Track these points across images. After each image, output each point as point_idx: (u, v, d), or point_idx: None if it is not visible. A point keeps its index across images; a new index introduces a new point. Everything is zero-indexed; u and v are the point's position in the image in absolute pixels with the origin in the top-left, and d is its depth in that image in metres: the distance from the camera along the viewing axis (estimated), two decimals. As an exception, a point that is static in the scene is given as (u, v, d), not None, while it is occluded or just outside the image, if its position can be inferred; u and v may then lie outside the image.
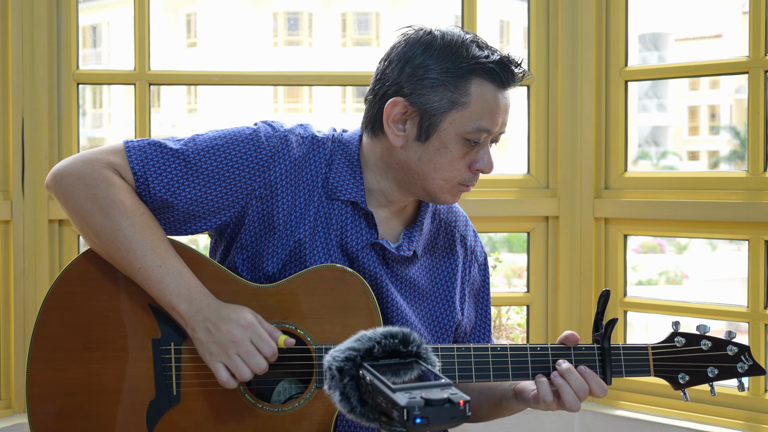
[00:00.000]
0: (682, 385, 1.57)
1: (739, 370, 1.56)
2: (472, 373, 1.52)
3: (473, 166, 1.54)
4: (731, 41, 26.26)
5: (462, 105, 1.49)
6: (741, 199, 2.32)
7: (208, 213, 1.55)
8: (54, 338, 1.52)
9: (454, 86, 1.49)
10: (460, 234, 1.73)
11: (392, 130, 1.53)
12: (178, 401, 1.52)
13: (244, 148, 1.55)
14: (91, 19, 24.00)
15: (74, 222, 1.54)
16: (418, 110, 1.50)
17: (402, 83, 1.51)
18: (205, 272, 1.53)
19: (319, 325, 1.52)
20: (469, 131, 1.50)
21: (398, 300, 1.61)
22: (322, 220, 1.58)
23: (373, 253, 1.59)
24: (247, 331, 1.45)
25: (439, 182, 1.54)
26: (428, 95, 1.50)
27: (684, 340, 1.57)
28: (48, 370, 1.51)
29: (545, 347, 1.54)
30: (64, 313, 1.52)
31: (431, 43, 1.51)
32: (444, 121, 1.50)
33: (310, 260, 1.56)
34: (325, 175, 1.59)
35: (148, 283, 1.48)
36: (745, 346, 1.57)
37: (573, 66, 2.52)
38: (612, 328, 1.54)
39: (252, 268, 1.57)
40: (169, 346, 1.52)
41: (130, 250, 1.48)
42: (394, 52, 1.55)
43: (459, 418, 0.98)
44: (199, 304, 1.47)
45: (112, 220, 1.48)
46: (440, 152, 1.51)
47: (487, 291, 1.78)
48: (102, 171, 1.51)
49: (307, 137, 1.60)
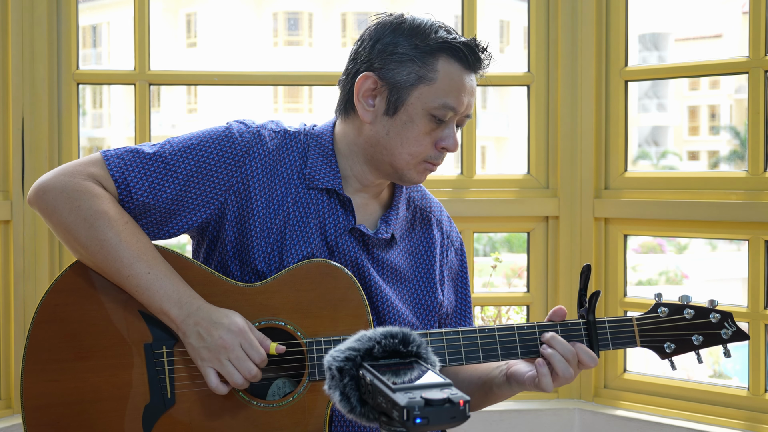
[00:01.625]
0: (669, 354, 1.59)
1: (723, 336, 1.59)
2: (462, 356, 1.55)
3: (439, 143, 1.58)
4: (731, 41, 26.28)
5: (429, 80, 1.54)
6: (741, 199, 2.32)
7: (188, 210, 1.58)
8: (46, 350, 1.52)
9: (422, 62, 1.54)
10: (436, 219, 1.77)
11: (362, 105, 1.58)
12: (174, 403, 1.53)
13: (219, 145, 1.59)
14: (91, 19, 24.02)
15: (59, 235, 1.55)
16: (387, 84, 1.56)
17: (372, 59, 1.57)
18: (192, 275, 1.55)
19: (308, 320, 1.55)
20: (435, 107, 1.55)
21: (381, 284, 1.64)
22: (301, 211, 1.61)
23: (352, 238, 1.63)
24: (237, 337, 1.47)
25: (406, 157, 1.58)
26: (396, 69, 1.55)
27: (667, 310, 1.60)
28: (42, 382, 1.52)
29: (532, 325, 1.57)
30: (55, 325, 1.53)
31: (401, 23, 1.58)
32: (411, 95, 1.55)
33: (294, 251, 1.59)
34: (300, 167, 1.63)
35: (137, 290, 1.50)
36: (727, 313, 1.60)
37: (573, 66, 2.52)
38: (596, 301, 1.56)
39: (241, 263, 1.60)
40: (161, 350, 1.53)
41: (117, 258, 1.50)
42: (366, 32, 1.62)
43: (459, 418, 0.98)
44: (190, 307, 1.49)
45: (97, 231, 1.50)
46: (407, 126, 1.56)
47: (465, 274, 1.81)
48: (84, 183, 1.53)
49: (279, 131, 1.65)
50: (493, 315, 3.08)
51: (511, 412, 2.49)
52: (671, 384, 2.44)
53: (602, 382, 2.53)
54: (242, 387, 1.48)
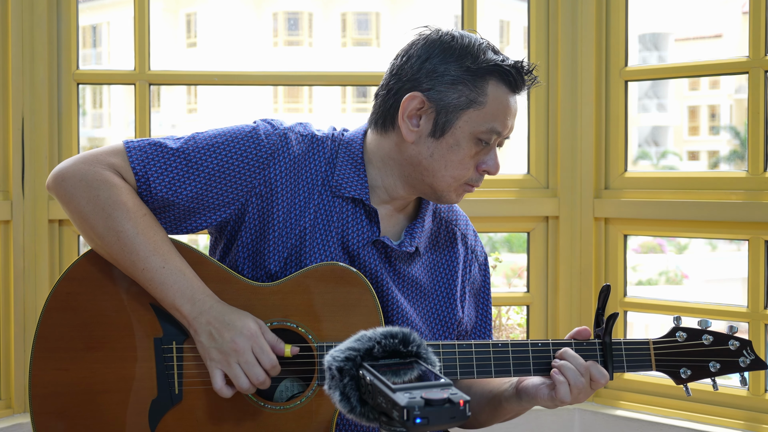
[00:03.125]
0: (684, 379, 1.58)
1: (741, 364, 1.56)
2: (473, 369, 1.52)
3: (480, 166, 1.56)
4: (731, 41, 26.26)
5: (479, 104, 1.52)
6: (741, 199, 2.32)
7: (208, 210, 1.56)
8: (56, 338, 1.52)
9: (473, 85, 1.52)
10: (461, 233, 1.74)
11: (407, 125, 1.55)
12: (180, 400, 1.52)
13: (245, 146, 1.56)
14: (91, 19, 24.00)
15: (76, 223, 1.54)
16: (435, 106, 1.53)
17: (421, 79, 1.54)
18: (206, 272, 1.54)
19: (320, 323, 1.53)
20: (483, 131, 1.53)
21: (399, 298, 1.61)
22: (323, 218, 1.59)
23: (374, 250, 1.60)
24: (249, 340, 1.46)
25: (448, 180, 1.56)
26: (447, 92, 1.52)
27: (685, 335, 1.58)
28: (50, 369, 1.52)
29: (546, 342, 1.55)
30: (66, 314, 1.53)
31: (451, 43, 1.54)
32: (460, 119, 1.52)
33: (311, 257, 1.57)
34: (325, 173, 1.60)
35: (151, 284, 1.49)
36: (746, 341, 1.57)
37: (573, 66, 2.52)
38: (613, 323, 1.54)
39: (254, 266, 1.58)
40: (171, 345, 1.52)
41: (133, 251, 1.48)
42: (413, 49, 1.57)
43: (459, 418, 0.98)
44: (203, 305, 1.48)
45: (115, 222, 1.48)
46: (453, 150, 1.54)
47: (487, 291, 1.78)
48: (103, 172, 1.51)
49: (306, 135, 1.61)
50: (493, 315, 3.07)
51: (511, 412, 2.49)
52: (671, 384, 2.43)
53: (602, 382, 2.53)
54: (249, 392, 1.47)
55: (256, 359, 1.46)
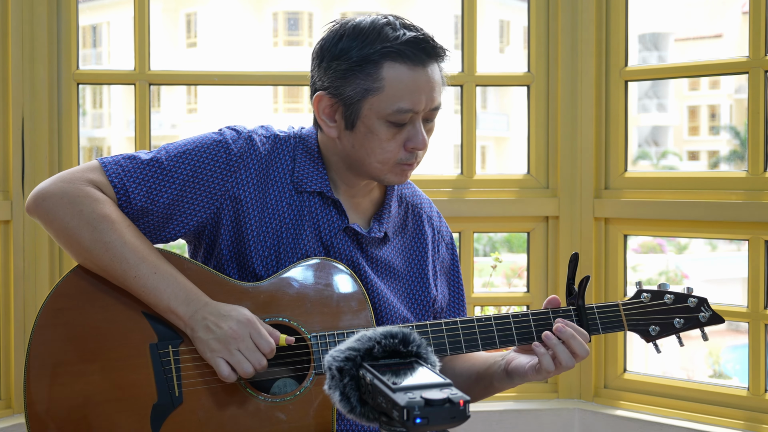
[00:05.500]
0: (653, 336, 1.68)
1: (701, 319, 1.68)
2: (461, 344, 1.59)
3: (407, 145, 1.58)
4: (731, 41, 26.26)
5: (376, 90, 1.54)
6: (741, 199, 2.32)
7: (184, 215, 1.60)
8: (50, 354, 1.52)
9: (365, 74, 1.54)
10: (427, 215, 1.80)
11: (325, 124, 1.61)
12: (182, 402, 1.53)
13: (214, 151, 1.61)
14: (91, 19, 24.01)
15: (61, 240, 1.55)
16: (340, 101, 1.57)
17: (322, 78, 1.59)
18: (195, 276, 1.57)
19: (311, 316, 1.57)
20: (389, 113, 1.54)
21: (376, 281, 1.67)
22: (295, 214, 1.64)
23: (346, 237, 1.65)
24: (246, 327, 1.49)
25: (376, 165, 1.59)
26: (343, 86, 1.56)
27: (649, 295, 1.69)
28: (46, 386, 1.52)
29: (526, 314, 1.63)
30: (58, 329, 1.53)
31: (342, 35, 1.57)
32: (363, 108, 1.55)
33: (291, 253, 1.62)
34: (291, 171, 1.65)
35: (144, 291, 1.51)
36: (703, 298, 1.69)
37: (573, 66, 2.52)
38: (585, 286, 1.63)
39: (240, 268, 1.62)
40: (167, 349, 1.54)
41: (123, 260, 1.51)
42: (314, 49, 1.63)
43: (459, 418, 0.98)
44: (197, 304, 1.51)
45: (101, 233, 1.51)
46: (368, 137, 1.57)
47: (457, 268, 1.84)
48: (84, 188, 1.54)
49: (269, 136, 1.66)
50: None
51: (511, 412, 2.49)
52: (671, 384, 2.45)
53: (602, 382, 2.53)
54: (250, 376, 1.49)
55: (255, 344, 1.49)
